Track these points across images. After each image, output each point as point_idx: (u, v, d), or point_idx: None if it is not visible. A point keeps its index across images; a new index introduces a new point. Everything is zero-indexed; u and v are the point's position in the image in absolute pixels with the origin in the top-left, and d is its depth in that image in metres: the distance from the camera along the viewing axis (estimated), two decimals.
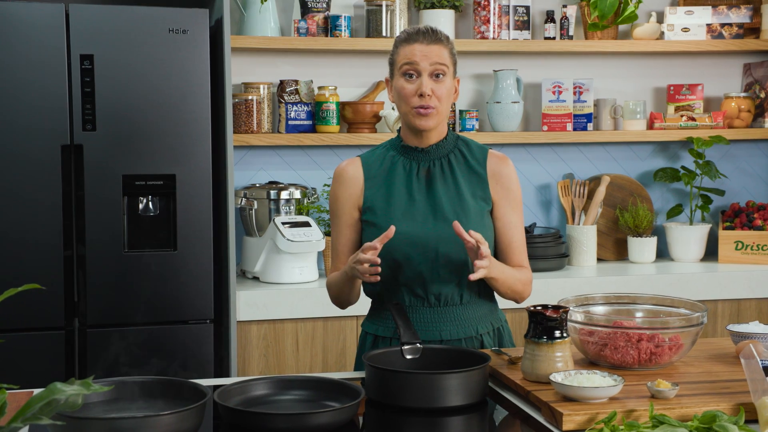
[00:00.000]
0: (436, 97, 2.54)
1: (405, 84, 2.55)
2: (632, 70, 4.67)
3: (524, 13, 4.41)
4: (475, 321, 2.61)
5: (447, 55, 2.56)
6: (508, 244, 2.64)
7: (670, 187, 4.71)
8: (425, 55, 2.53)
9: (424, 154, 2.62)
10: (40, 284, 3.43)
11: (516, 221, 2.65)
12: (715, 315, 4.17)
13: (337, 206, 2.66)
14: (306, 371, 3.78)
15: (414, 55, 2.53)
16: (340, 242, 2.67)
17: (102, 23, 3.49)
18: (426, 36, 2.54)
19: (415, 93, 2.53)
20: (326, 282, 2.70)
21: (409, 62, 2.54)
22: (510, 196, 2.64)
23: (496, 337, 2.67)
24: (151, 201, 3.61)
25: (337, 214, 2.66)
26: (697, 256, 4.49)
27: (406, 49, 2.55)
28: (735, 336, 2.53)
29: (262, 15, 4.11)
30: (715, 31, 4.54)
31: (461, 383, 2.20)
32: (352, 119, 4.22)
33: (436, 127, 2.59)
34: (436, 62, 2.53)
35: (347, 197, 2.64)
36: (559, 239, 4.31)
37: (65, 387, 1.55)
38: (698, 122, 4.54)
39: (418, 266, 2.54)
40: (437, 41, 2.55)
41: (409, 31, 2.58)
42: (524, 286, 2.63)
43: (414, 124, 2.57)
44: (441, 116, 2.58)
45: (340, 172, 2.67)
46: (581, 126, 4.49)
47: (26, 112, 3.43)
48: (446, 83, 2.55)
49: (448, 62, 2.56)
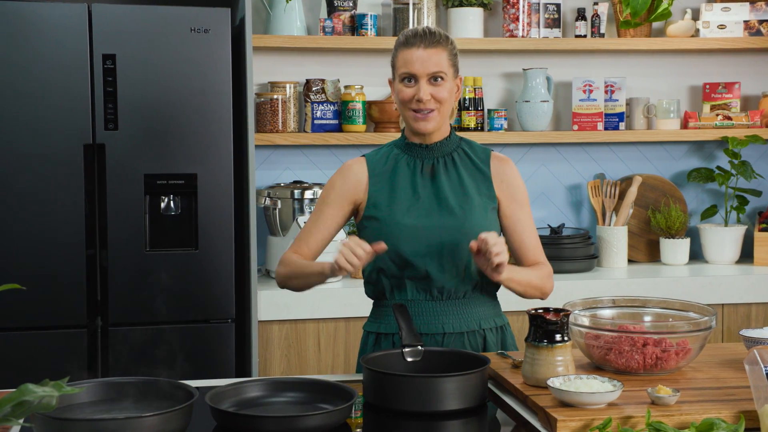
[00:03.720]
0: (435, 100, 2.54)
1: (404, 88, 2.55)
2: (666, 69, 4.59)
3: (555, 11, 4.36)
4: (478, 316, 2.60)
5: (446, 58, 2.54)
6: (521, 243, 2.64)
7: (705, 188, 4.62)
8: (423, 60, 2.51)
9: (428, 151, 2.63)
10: (63, 283, 3.49)
11: (525, 218, 2.64)
12: (748, 318, 4.08)
13: (331, 194, 2.65)
14: (327, 372, 3.76)
15: (412, 62, 2.52)
16: (317, 228, 2.64)
17: (124, 23, 3.50)
18: (424, 40, 2.52)
19: (413, 98, 2.54)
20: (284, 258, 2.63)
21: (407, 69, 2.53)
22: (516, 195, 2.64)
23: (500, 334, 2.65)
24: (173, 200, 3.62)
25: (327, 202, 2.64)
26: (732, 259, 4.39)
27: (405, 54, 2.54)
28: (748, 341, 2.46)
29: (289, 14, 4.10)
30: (753, 28, 4.45)
31: (458, 387, 2.16)
32: (379, 118, 4.20)
33: (437, 128, 2.59)
34: (433, 70, 2.52)
35: (344, 190, 2.63)
36: (588, 240, 4.25)
37: (36, 388, 1.54)
38: (734, 121, 4.44)
39: (423, 259, 2.54)
40: (435, 44, 2.53)
41: (407, 34, 2.57)
42: (542, 280, 2.60)
43: (414, 128, 2.59)
44: (442, 118, 2.58)
45: (346, 167, 2.67)
46: (613, 125, 4.42)
47: (49, 112, 3.46)
48: (445, 86, 2.55)
49: (446, 66, 2.54)
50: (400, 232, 2.53)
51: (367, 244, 2.39)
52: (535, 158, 4.49)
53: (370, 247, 2.37)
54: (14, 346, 3.47)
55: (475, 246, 2.39)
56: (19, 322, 3.48)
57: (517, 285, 2.54)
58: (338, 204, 2.63)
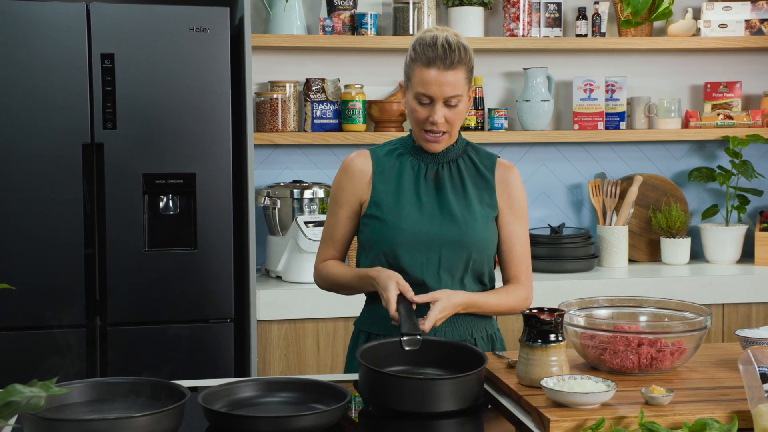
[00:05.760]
0: (448, 122, 2.52)
1: (418, 108, 2.52)
2: (667, 68, 4.58)
3: (555, 10, 4.35)
4: (471, 325, 2.59)
5: (463, 78, 2.49)
6: (507, 254, 2.64)
7: (706, 187, 4.61)
8: (441, 84, 2.46)
9: (434, 157, 2.61)
10: (62, 282, 3.49)
11: (518, 231, 2.62)
12: (749, 318, 4.07)
13: (340, 196, 2.64)
14: (327, 372, 3.76)
15: (429, 84, 2.47)
16: (339, 232, 2.66)
17: (123, 22, 3.50)
18: (444, 60, 2.46)
19: (427, 119, 2.51)
20: (322, 270, 2.67)
21: (424, 90, 2.48)
22: (514, 206, 2.62)
23: (490, 342, 2.64)
24: (172, 200, 3.62)
25: (339, 203, 2.64)
26: (732, 258, 4.38)
27: (423, 74, 2.48)
28: (743, 341, 2.45)
29: (288, 13, 4.09)
30: (754, 27, 4.43)
31: (454, 389, 2.14)
32: (379, 118, 4.19)
33: (446, 147, 2.60)
34: (450, 94, 2.47)
35: (351, 188, 2.62)
36: (589, 240, 4.24)
37: (24, 389, 1.53)
38: (735, 121, 4.43)
39: (420, 266, 2.53)
40: (454, 65, 2.47)
41: (425, 46, 2.48)
42: (512, 307, 2.60)
43: (424, 147, 2.58)
44: (451, 139, 2.58)
45: (348, 163, 2.65)
46: (614, 125, 4.41)
47: (47, 111, 3.46)
48: (460, 108, 2.52)
49: (462, 86, 2.50)
50: (401, 237, 2.51)
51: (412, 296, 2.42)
52: (535, 158, 4.49)
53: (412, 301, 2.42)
54: (13, 346, 3.47)
55: (420, 299, 2.41)
56: (17, 322, 3.48)
57: (484, 312, 2.59)
58: (349, 203, 2.63)
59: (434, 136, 2.52)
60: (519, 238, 2.62)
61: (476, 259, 2.55)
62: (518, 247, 2.62)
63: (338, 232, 2.65)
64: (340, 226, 2.65)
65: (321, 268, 2.68)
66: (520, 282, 2.62)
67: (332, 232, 2.66)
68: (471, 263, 2.55)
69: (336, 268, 2.64)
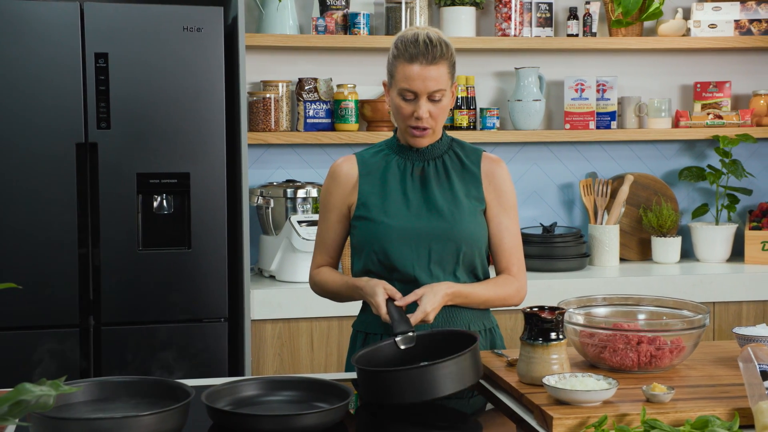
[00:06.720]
0: (432, 117, 2.54)
1: (402, 104, 2.54)
2: (657, 68, 4.60)
3: (547, 10, 4.36)
4: (467, 318, 2.60)
5: (446, 72, 2.52)
6: (497, 246, 2.64)
7: (696, 187, 4.63)
8: (424, 79, 2.49)
9: (419, 154, 2.63)
10: (55, 282, 3.48)
11: (507, 224, 2.63)
12: (739, 316, 4.09)
13: (329, 201, 2.68)
14: (320, 371, 3.76)
15: (412, 79, 2.49)
16: (329, 236, 2.70)
17: (117, 21, 3.49)
18: (426, 56, 2.48)
19: (412, 114, 2.53)
20: (316, 277, 2.71)
21: (407, 85, 2.50)
22: (502, 199, 2.63)
23: (489, 336, 2.65)
24: (166, 199, 3.61)
25: (328, 208, 2.68)
26: (722, 257, 4.41)
27: (406, 70, 2.50)
28: (741, 339, 2.47)
29: (281, 13, 4.10)
30: (744, 27, 4.46)
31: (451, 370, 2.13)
32: (371, 117, 4.20)
33: (431, 142, 2.62)
34: (433, 89, 2.50)
35: (338, 193, 2.65)
36: (580, 239, 4.26)
37: (33, 388, 1.53)
38: (725, 120, 4.46)
39: (411, 262, 2.55)
40: (436, 60, 2.49)
41: (407, 43, 2.51)
42: (502, 299, 2.61)
43: (409, 142, 2.61)
44: (436, 133, 2.60)
45: (335, 169, 2.68)
46: (605, 124, 4.43)
47: (41, 110, 3.45)
48: (444, 101, 2.54)
49: (445, 80, 2.52)
50: (390, 234, 2.54)
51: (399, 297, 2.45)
52: (527, 157, 4.50)
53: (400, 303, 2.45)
54: (6, 346, 3.46)
55: (405, 301, 2.43)
56: (11, 322, 3.47)
57: (475, 307, 2.59)
58: (338, 208, 2.66)
59: (419, 131, 2.55)
60: (508, 231, 2.63)
61: (466, 252, 2.56)
62: (507, 239, 2.63)
63: (329, 237, 2.69)
64: (331, 230, 2.69)
65: (314, 275, 2.73)
66: (512, 274, 2.63)
67: (324, 237, 2.71)
68: (461, 256, 2.56)
69: (328, 275, 2.68)
